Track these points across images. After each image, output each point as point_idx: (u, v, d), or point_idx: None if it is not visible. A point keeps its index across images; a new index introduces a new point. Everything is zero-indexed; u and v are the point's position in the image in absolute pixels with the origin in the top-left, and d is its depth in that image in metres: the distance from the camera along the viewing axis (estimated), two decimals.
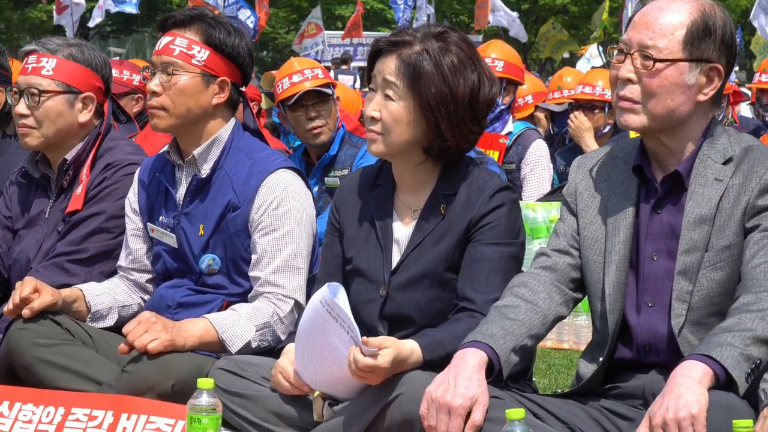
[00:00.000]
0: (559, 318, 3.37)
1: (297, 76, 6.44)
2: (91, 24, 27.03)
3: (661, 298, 3.24)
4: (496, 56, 7.75)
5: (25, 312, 3.79)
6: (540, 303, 3.30)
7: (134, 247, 4.09)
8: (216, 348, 3.73)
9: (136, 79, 7.40)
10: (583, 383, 3.32)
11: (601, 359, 3.29)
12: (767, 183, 3.16)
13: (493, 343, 3.13)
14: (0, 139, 4.85)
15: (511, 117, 7.55)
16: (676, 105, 3.19)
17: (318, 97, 6.38)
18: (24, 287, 3.82)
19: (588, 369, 3.34)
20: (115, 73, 5.94)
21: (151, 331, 3.61)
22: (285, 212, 3.84)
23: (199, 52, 3.90)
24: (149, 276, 4.10)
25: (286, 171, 3.90)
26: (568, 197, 3.46)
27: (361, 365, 3.13)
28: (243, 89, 4.08)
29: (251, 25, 22.91)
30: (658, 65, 3.17)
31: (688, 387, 2.85)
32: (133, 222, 4.10)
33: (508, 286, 3.37)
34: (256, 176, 3.87)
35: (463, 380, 3.03)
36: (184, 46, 3.90)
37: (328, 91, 6.45)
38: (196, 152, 3.94)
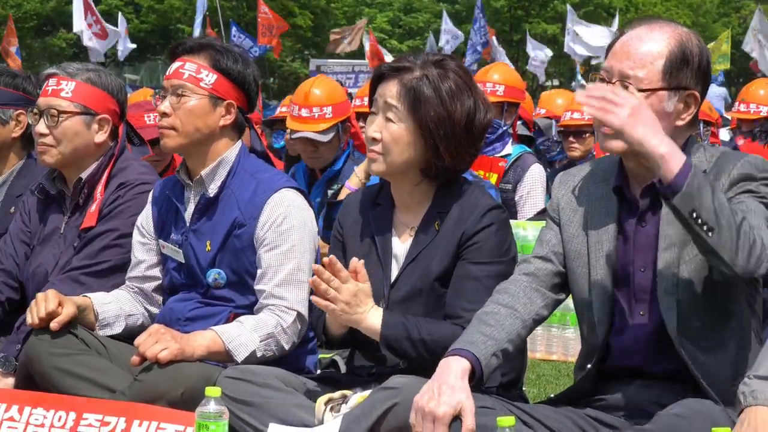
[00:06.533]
0: (541, 319, 3.32)
1: (305, 111, 6.22)
2: (120, 56, 27.00)
3: (651, 309, 3.19)
4: (498, 80, 7.68)
5: (54, 326, 3.76)
6: (519, 307, 3.25)
7: (141, 257, 4.06)
8: (223, 358, 3.69)
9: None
10: (572, 387, 3.31)
11: (589, 366, 3.26)
12: (735, 177, 3.09)
13: (474, 349, 3.09)
14: (26, 159, 4.82)
15: (510, 139, 7.43)
16: None
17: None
18: (49, 302, 3.78)
19: (578, 376, 3.32)
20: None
21: (161, 341, 3.58)
22: (288, 229, 3.80)
23: (207, 76, 3.89)
24: (154, 285, 4.07)
25: (289, 190, 3.87)
26: (551, 212, 3.42)
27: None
28: (249, 114, 4.06)
29: (255, 55, 22.89)
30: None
31: None
32: (141, 236, 4.07)
33: (491, 295, 3.33)
34: (260, 195, 3.84)
35: (446, 389, 2.99)
36: (193, 70, 3.89)
37: (323, 138, 6.16)
38: (203, 173, 3.92)
